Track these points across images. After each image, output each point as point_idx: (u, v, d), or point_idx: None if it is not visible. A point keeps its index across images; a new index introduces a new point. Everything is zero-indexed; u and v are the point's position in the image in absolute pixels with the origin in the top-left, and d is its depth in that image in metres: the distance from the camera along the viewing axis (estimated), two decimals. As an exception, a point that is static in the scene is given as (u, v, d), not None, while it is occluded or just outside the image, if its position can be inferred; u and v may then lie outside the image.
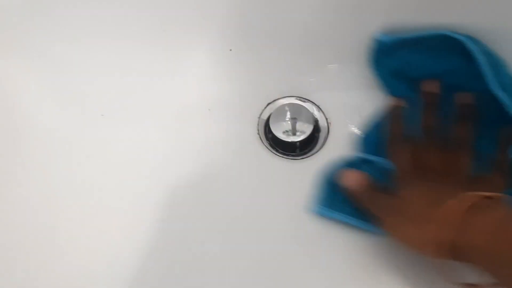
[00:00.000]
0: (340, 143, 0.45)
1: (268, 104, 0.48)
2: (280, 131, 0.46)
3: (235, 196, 0.44)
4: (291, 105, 0.47)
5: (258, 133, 0.47)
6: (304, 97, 0.47)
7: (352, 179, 0.40)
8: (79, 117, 0.47)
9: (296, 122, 0.46)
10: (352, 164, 0.42)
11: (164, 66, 0.48)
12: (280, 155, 0.46)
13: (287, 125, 0.46)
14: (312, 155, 0.45)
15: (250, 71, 0.48)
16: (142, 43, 0.47)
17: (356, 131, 0.46)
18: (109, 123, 0.47)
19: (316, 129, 0.46)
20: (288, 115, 0.47)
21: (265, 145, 0.46)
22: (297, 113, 0.47)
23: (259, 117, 0.47)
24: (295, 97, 0.48)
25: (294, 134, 0.46)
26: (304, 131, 0.46)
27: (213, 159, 0.45)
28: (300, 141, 0.46)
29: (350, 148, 0.45)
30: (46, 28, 0.45)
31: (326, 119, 0.47)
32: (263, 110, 0.47)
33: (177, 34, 0.48)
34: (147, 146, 0.46)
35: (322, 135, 0.46)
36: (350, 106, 0.46)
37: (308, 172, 0.44)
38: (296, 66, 0.47)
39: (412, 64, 0.42)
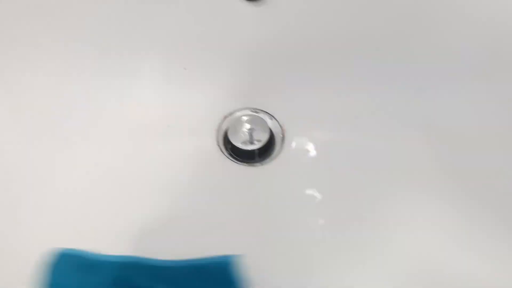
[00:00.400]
0: (296, 147, 0.49)
1: (225, 117, 0.50)
2: (238, 141, 0.49)
3: (202, 205, 0.46)
4: (246, 117, 0.50)
5: (218, 144, 0.49)
6: (258, 108, 0.51)
7: None
8: (37, 140, 0.47)
9: (252, 132, 0.49)
10: None
11: (120, 87, 0.50)
12: (240, 163, 0.49)
13: (244, 135, 0.49)
14: (271, 160, 0.49)
15: (205, 87, 0.51)
16: (99, 64, 0.49)
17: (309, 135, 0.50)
18: (69, 145, 0.47)
19: (272, 136, 0.50)
20: (245, 126, 0.50)
21: (225, 155, 0.49)
22: (253, 123, 0.50)
23: (217, 130, 0.50)
24: (249, 109, 0.51)
25: (251, 143, 0.49)
26: (260, 139, 0.49)
27: (177, 172, 0.47)
28: (258, 149, 0.49)
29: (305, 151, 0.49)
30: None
31: (280, 126, 0.50)
32: (221, 123, 0.50)
33: (132, 56, 0.50)
34: (109, 167, 0.47)
35: (278, 141, 0.50)
36: (301, 113, 0.50)
37: (269, 176, 0.47)
38: (248, 80, 0.50)
39: None
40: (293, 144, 0.49)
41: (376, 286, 0.41)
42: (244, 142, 0.49)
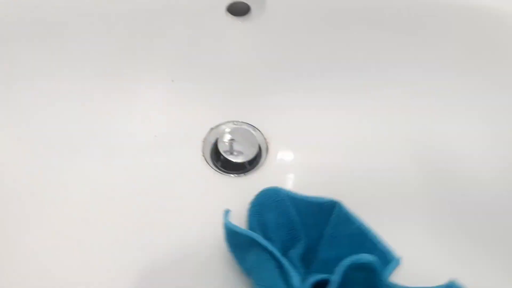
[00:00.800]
0: (279, 159, 0.50)
1: (212, 129, 0.52)
2: (223, 153, 0.50)
3: (189, 214, 0.46)
4: (231, 128, 0.51)
5: (203, 155, 0.50)
6: (243, 120, 0.52)
7: None
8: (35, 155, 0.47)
9: (238, 144, 0.51)
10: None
11: (113, 99, 0.51)
12: (225, 173, 0.49)
13: (230, 146, 0.50)
14: (256, 170, 0.50)
15: (192, 100, 0.52)
16: (89, 78, 0.50)
17: (291, 149, 0.51)
18: (61, 160, 0.48)
19: (256, 147, 0.51)
20: (229, 137, 0.51)
21: (210, 166, 0.50)
22: (238, 135, 0.51)
23: (203, 141, 0.51)
24: (235, 121, 0.52)
25: (237, 154, 0.50)
26: (245, 151, 0.50)
27: (163, 180, 0.48)
28: (243, 160, 0.50)
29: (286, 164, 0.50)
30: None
31: (265, 138, 0.52)
32: (207, 134, 0.51)
33: (124, 71, 0.51)
34: (99, 178, 0.48)
35: (262, 153, 0.51)
36: (285, 126, 0.51)
37: (255, 186, 0.48)
38: (234, 93, 0.52)
39: None
40: (276, 156, 0.50)
41: None
42: (227, 153, 0.50)
